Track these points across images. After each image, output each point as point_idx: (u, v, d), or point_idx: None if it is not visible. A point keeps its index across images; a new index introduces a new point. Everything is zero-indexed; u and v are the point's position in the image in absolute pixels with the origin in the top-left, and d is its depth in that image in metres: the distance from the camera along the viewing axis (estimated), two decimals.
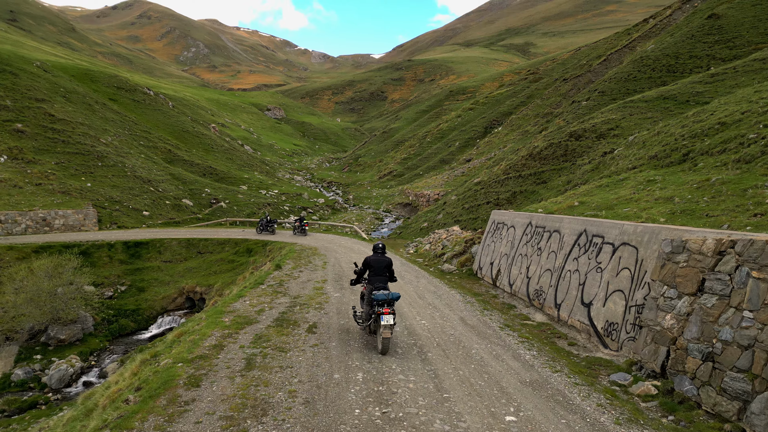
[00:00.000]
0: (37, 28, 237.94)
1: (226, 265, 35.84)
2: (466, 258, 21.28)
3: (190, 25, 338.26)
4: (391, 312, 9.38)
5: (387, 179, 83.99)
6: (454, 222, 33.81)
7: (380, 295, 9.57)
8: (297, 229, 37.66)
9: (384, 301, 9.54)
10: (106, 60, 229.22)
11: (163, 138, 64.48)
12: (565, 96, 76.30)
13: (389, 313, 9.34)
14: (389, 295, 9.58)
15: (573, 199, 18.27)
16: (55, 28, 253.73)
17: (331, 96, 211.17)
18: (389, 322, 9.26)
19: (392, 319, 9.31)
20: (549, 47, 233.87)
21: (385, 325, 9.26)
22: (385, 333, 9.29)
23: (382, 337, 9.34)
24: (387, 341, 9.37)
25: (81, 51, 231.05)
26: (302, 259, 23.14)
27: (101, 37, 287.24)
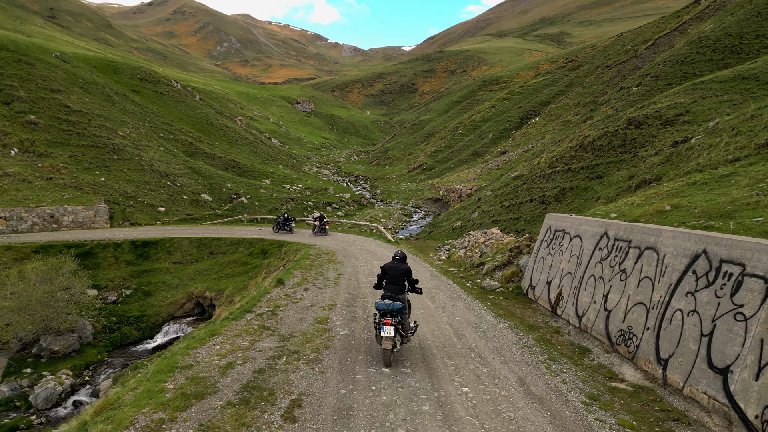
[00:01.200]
0: (75, 24, 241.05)
1: (238, 267, 32.36)
2: (513, 272, 17.04)
3: (223, 20, 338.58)
4: (392, 324, 9.01)
5: (416, 173, 79.72)
6: (491, 222, 29.49)
7: (380, 305, 9.25)
8: (317, 228, 33.93)
9: (384, 311, 9.15)
10: (141, 55, 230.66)
11: (185, 130, 61.63)
12: (608, 83, 70.56)
13: (390, 325, 8.99)
14: (389, 305, 9.18)
15: (658, 200, 13.85)
16: (92, 25, 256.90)
17: (360, 89, 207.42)
18: (389, 334, 8.96)
19: (392, 331, 8.99)
20: (585, 36, 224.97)
21: (385, 337, 9.00)
22: (384, 344, 9.03)
23: (383, 348, 9.07)
24: (387, 353, 9.05)
25: (117, 47, 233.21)
26: (314, 268, 19.26)
27: (137, 33, 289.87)
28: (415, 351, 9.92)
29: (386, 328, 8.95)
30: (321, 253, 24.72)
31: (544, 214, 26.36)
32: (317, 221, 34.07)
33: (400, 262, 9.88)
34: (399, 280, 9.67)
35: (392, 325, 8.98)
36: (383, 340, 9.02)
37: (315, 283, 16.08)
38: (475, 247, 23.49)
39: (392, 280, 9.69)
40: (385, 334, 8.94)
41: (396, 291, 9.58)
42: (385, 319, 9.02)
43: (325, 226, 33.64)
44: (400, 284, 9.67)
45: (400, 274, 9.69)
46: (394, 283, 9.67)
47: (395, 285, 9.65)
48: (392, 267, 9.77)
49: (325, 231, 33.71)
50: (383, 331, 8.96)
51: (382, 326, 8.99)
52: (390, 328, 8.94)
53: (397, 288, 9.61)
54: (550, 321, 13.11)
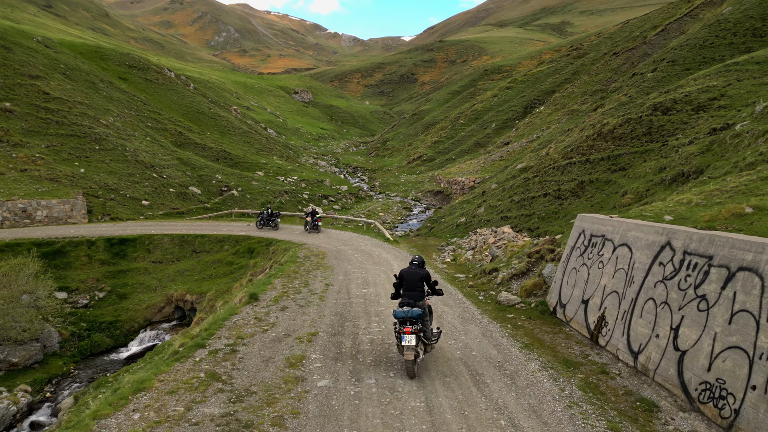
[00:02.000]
0: (72, 13, 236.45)
1: (223, 267, 29.45)
2: (534, 283, 14.11)
3: (221, 9, 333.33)
4: (412, 332, 8.37)
5: (416, 164, 76.62)
6: (500, 219, 26.54)
7: (399, 312, 8.69)
8: (309, 225, 31.02)
9: (403, 319, 8.59)
10: (138, 45, 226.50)
11: (175, 119, 58.46)
12: (617, 71, 67.38)
13: (410, 333, 8.37)
14: (409, 312, 8.57)
15: (727, 199, 10.91)
16: (89, 14, 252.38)
17: (360, 79, 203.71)
18: (410, 343, 8.32)
19: (413, 339, 8.33)
20: (587, 26, 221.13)
21: (406, 347, 8.36)
22: (406, 355, 8.35)
23: (405, 359, 8.41)
24: (409, 363, 8.35)
25: (114, 36, 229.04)
26: (299, 276, 16.31)
27: (134, 23, 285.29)
28: (421, 414, 6.99)
29: (406, 337, 8.37)
30: (310, 255, 21.78)
31: (560, 211, 23.42)
32: (309, 217, 31.18)
33: (419, 267, 9.35)
34: (418, 285, 9.16)
35: (413, 333, 8.39)
36: (404, 351, 8.42)
37: (296, 299, 13.13)
38: (484, 248, 20.54)
39: (410, 286, 9.17)
40: (405, 343, 8.35)
41: (415, 297, 9.05)
42: (405, 328, 8.45)
43: (317, 223, 30.75)
44: (419, 290, 9.16)
45: (418, 280, 9.18)
46: (412, 289, 9.15)
47: (414, 291, 9.13)
48: (410, 272, 9.26)
49: (318, 228, 30.81)
50: (404, 340, 8.39)
51: (402, 335, 8.43)
52: (411, 337, 8.35)
53: (416, 294, 9.09)
54: (590, 353, 10.18)
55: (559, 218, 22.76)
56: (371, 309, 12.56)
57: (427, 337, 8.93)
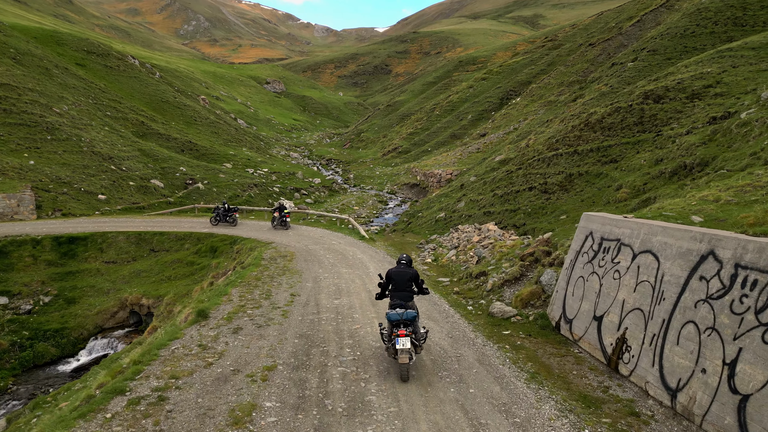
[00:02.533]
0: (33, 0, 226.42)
1: (183, 268, 26.98)
2: (531, 292, 12.26)
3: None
4: (407, 334, 8.10)
5: (392, 156, 74.57)
6: (483, 214, 24.70)
7: (393, 315, 8.40)
8: (276, 220, 28.81)
9: (398, 322, 8.31)
10: (103, 33, 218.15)
11: (136, 108, 55.08)
12: (593, 62, 66.41)
13: (405, 336, 8.08)
14: (403, 314, 8.35)
15: (765, 195, 9.15)
16: (51, 0, 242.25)
17: (333, 69, 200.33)
18: (405, 345, 8.05)
19: (408, 342, 8.08)
20: (559, 19, 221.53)
21: (401, 350, 8.07)
22: (401, 358, 8.08)
23: (399, 362, 8.13)
24: (405, 368, 8.11)
25: (78, 23, 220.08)
26: (260, 284, 14.13)
27: (99, 10, 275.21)
28: None
29: (401, 340, 8.13)
30: (277, 256, 19.58)
31: (547, 206, 21.69)
32: (277, 212, 28.94)
33: (407, 266, 9.08)
34: (407, 285, 8.89)
35: (407, 336, 8.16)
36: (399, 354, 8.17)
37: (254, 315, 10.98)
38: (468, 248, 18.65)
39: (400, 286, 8.87)
40: (401, 346, 8.11)
41: (405, 298, 8.79)
42: (399, 331, 8.19)
43: (286, 219, 28.54)
44: (409, 290, 8.88)
45: (408, 279, 8.91)
46: (402, 289, 8.86)
47: (404, 291, 8.85)
48: (399, 272, 8.97)
49: (287, 224, 28.60)
50: (398, 343, 8.13)
51: (397, 339, 8.19)
52: (406, 340, 8.13)
53: (406, 294, 8.82)
54: (610, 384, 8.33)
55: (547, 214, 21.02)
56: (344, 328, 10.51)
57: (417, 338, 8.56)
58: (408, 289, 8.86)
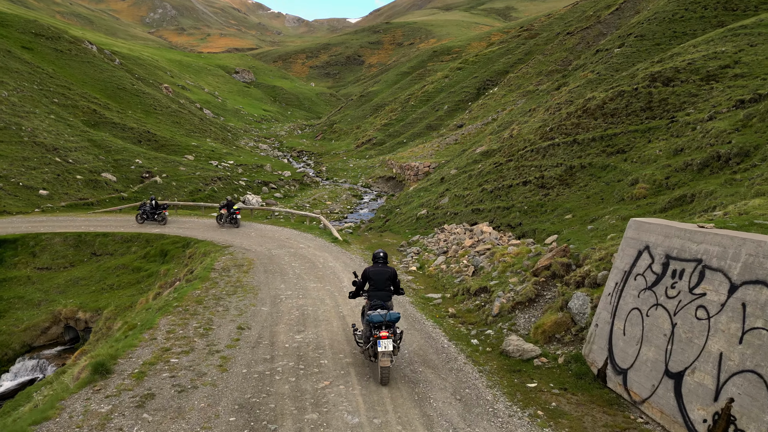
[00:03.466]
0: None
1: (128, 275, 23.31)
2: (557, 322, 9.25)
3: None
4: (389, 336, 7.63)
5: (366, 148, 71.22)
6: (471, 212, 21.72)
7: (375, 316, 7.82)
8: (224, 218, 25.72)
9: (380, 323, 7.79)
10: (64, 20, 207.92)
11: (89, 95, 50.41)
12: (572, 50, 64.19)
13: (387, 338, 7.60)
14: (386, 316, 7.82)
15: None
16: None
17: (305, 60, 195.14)
18: (388, 348, 7.56)
19: (391, 344, 7.60)
20: (530, 11, 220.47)
21: (383, 352, 7.58)
22: (383, 361, 7.60)
23: (380, 365, 7.63)
24: (386, 371, 7.65)
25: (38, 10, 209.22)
26: (200, 310, 10.79)
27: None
28: None
29: (383, 342, 7.56)
30: (232, 265, 16.20)
31: (546, 203, 18.79)
32: (224, 209, 25.70)
33: (384, 264, 8.54)
34: (386, 285, 8.38)
35: (389, 338, 7.62)
36: (381, 357, 7.59)
37: (179, 369, 7.66)
38: (461, 254, 15.60)
39: (379, 285, 8.34)
40: (383, 349, 7.54)
41: (384, 298, 8.29)
42: (381, 333, 7.61)
43: (236, 216, 25.40)
44: (388, 290, 8.39)
45: (387, 279, 8.40)
46: (380, 288, 8.32)
47: (383, 291, 8.32)
48: (377, 271, 8.41)
49: (237, 222, 25.46)
50: (380, 346, 7.56)
51: (379, 341, 7.59)
52: (388, 342, 7.58)
53: (385, 294, 8.32)
54: None
55: (547, 212, 18.12)
56: (307, 386, 7.32)
57: (395, 339, 7.98)
58: (387, 289, 8.38)
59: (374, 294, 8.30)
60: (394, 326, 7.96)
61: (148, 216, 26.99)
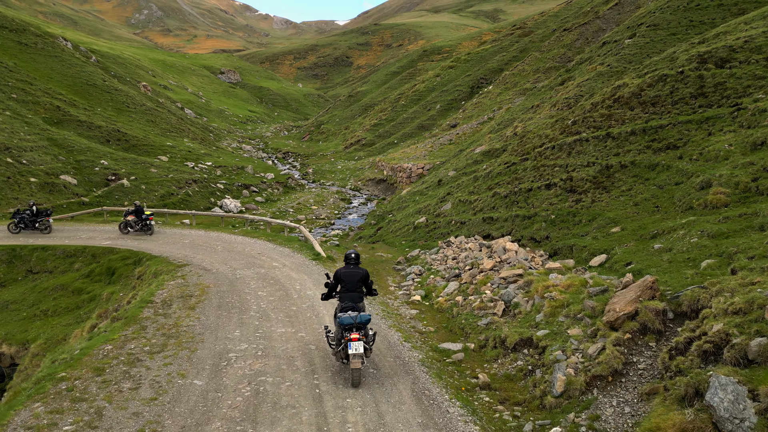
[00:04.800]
0: None
1: (66, 298, 19.04)
2: (684, 428, 5.25)
3: None
4: (360, 338, 7.45)
5: (355, 149, 67.21)
6: (482, 221, 17.82)
7: (346, 318, 7.63)
8: (129, 226, 22.33)
9: (351, 325, 7.60)
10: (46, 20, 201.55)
11: (53, 91, 45.87)
12: (570, 47, 60.73)
13: (358, 340, 7.43)
14: (357, 318, 7.62)
15: None
16: None
17: (292, 61, 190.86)
18: (358, 350, 7.40)
19: (362, 346, 7.45)
20: (519, 14, 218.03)
21: (354, 354, 7.43)
22: (354, 363, 7.45)
23: (351, 367, 7.49)
24: (357, 372, 7.49)
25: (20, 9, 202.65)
26: (94, 387, 6.73)
27: None
28: None
29: (354, 345, 7.39)
30: (177, 296, 12.11)
31: (580, 211, 14.90)
32: (130, 216, 22.30)
33: (356, 265, 8.28)
34: (357, 286, 8.16)
35: (360, 340, 7.46)
36: (352, 359, 7.43)
37: None
38: (480, 281, 11.66)
39: (350, 287, 8.12)
40: (353, 351, 7.38)
41: (356, 299, 8.05)
42: (352, 335, 7.44)
43: (149, 223, 22.17)
44: (359, 291, 8.18)
45: (358, 280, 8.17)
46: (352, 290, 8.12)
47: (354, 293, 8.11)
48: (349, 273, 8.17)
49: (150, 228, 22.17)
50: (351, 348, 7.39)
51: (350, 343, 7.43)
52: (359, 344, 7.42)
53: (356, 296, 8.09)
54: None
55: (582, 223, 14.25)
56: None
57: (367, 341, 7.75)
58: (358, 290, 8.17)
59: (345, 295, 8.06)
60: (366, 328, 7.75)
61: (26, 225, 22.84)
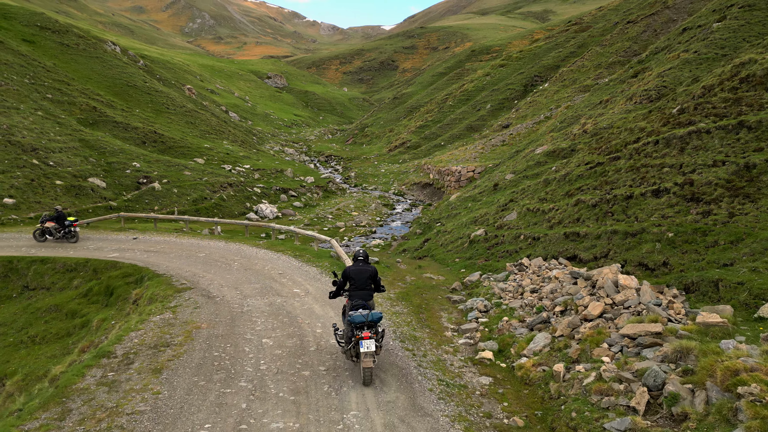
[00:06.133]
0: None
1: (59, 322, 15.94)
2: None
3: None
4: (371, 336, 7.28)
5: (399, 152, 63.42)
6: (564, 238, 13.62)
7: (357, 316, 7.48)
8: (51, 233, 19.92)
9: (362, 324, 7.44)
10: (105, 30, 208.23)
11: (91, 92, 44.25)
12: (635, 39, 54.97)
13: (369, 338, 7.25)
14: (368, 316, 7.47)
15: None
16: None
17: (338, 66, 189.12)
18: (370, 348, 7.24)
19: (374, 344, 7.28)
20: (569, 14, 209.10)
21: (366, 353, 7.28)
22: (365, 362, 7.30)
23: (363, 366, 7.32)
24: (369, 372, 7.35)
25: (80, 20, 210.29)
26: None
27: (104, 7, 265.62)
28: None
29: (366, 343, 7.25)
30: (149, 347, 8.59)
31: (712, 228, 10.46)
32: (48, 222, 19.91)
33: (365, 263, 8.22)
34: (367, 284, 8.07)
35: (372, 338, 7.29)
36: (364, 357, 7.28)
37: None
38: (591, 339, 7.52)
39: (360, 285, 8.04)
40: (365, 349, 7.23)
41: (366, 297, 7.98)
42: (363, 333, 7.26)
43: (72, 229, 19.96)
44: (369, 289, 8.08)
45: (368, 278, 8.10)
46: (361, 288, 8.03)
47: (363, 290, 8.02)
48: (358, 270, 8.09)
49: (75, 235, 20.08)
50: (363, 347, 7.24)
51: (362, 342, 7.26)
52: (370, 342, 7.26)
53: (366, 294, 8.00)
54: None
55: (722, 246, 9.84)
56: None
57: (378, 339, 7.61)
58: (368, 288, 8.04)
59: (355, 293, 7.95)
60: (377, 326, 7.54)
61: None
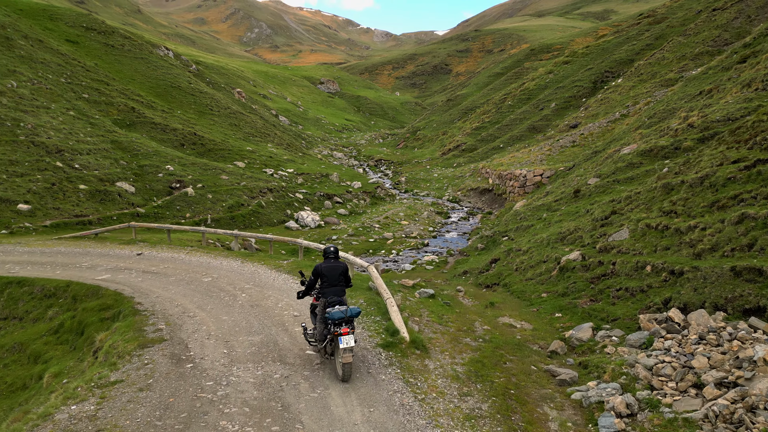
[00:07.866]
0: (103, 9, 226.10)
1: (19, 368, 11.98)
2: None
3: (254, 6, 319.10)
4: (350, 332, 7.23)
5: (453, 155, 58.36)
6: (730, 274, 8.56)
7: (336, 313, 7.35)
8: None
9: (341, 319, 7.33)
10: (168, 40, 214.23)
11: (131, 92, 41.88)
12: (725, 27, 47.67)
13: (348, 333, 7.19)
14: (347, 311, 7.39)
15: None
16: (121, 10, 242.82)
17: (391, 71, 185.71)
18: (349, 344, 7.15)
19: (353, 339, 7.20)
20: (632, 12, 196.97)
21: (345, 348, 7.15)
22: (345, 357, 7.17)
23: (342, 362, 7.21)
24: (348, 366, 7.24)
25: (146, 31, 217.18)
26: None
27: (167, 20, 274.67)
28: None
29: (345, 339, 7.13)
30: None
31: None
32: None
33: (336, 259, 8.03)
34: (339, 280, 7.92)
35: (350, 334, 7.20)
36: (343, 353, 7.13)
37: None
38: None
39: (332, 281, 7.85)
40: (345, 345, 7.11)
41: (339, 293, 7.82)
42: (342, 329, 7.17)
43: None
44: (341, 284, 7.93)
45: (340, 274, 7.93)
46: (334, 284, 7.86)
47: (337, 286, 7.86)
48: (330, 267, 7.89)
49: None
50: (342, 342, 7.10)
51: (340, 338, 7.13)
52: (350, 338, 7.16)
53: (340, 290, 7.87)
54: None
55: None
56: None
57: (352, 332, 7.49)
58: (341, 284, 7.90)
59: (329, 290, 7.79)
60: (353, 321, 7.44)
61: None
